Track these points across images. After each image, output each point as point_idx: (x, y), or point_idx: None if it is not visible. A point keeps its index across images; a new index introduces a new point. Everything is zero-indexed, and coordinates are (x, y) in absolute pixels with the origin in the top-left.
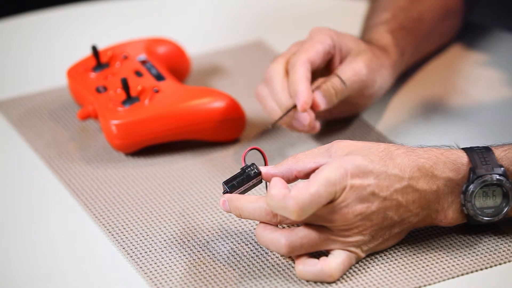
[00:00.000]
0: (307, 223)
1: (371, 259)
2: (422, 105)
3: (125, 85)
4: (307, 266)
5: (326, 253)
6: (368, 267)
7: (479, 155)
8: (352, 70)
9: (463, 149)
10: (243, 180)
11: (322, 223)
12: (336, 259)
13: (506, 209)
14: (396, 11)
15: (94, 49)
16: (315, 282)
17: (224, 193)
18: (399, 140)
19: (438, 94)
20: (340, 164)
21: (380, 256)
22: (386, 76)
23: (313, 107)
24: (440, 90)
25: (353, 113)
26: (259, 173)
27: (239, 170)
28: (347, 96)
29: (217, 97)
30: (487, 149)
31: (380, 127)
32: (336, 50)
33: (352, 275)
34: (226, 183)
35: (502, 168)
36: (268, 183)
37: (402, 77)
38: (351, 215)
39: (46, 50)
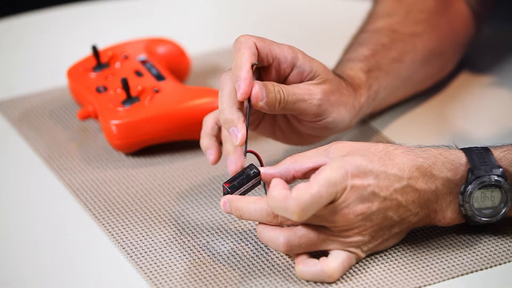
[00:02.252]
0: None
1: (371, 259)
2: (422, 105)
3: (125, 85)
4: (307, 266)
5: (326, 253)
6: (368, 267)
7: (477, 156)
8: (307, 90)
9: (462, 149)
10: (243, 180)
11: (323, 224)
12: (336, 260)
13: (504, 210)
14: (376, 48)
15: (94, 49)
16: (315, 282)
17: (224, 194)
18: (398, 141)
19: (437, 94)
20: (341, 164)
21: (380, 256)
22: (345, 115)
23: (252, 98)
24: (439, 91)
25: (300, 144)
26: (258, 173)
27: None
28: (290, 112)
29: (217, 97)
30: (486, 150)
31: (380, 127)
32: (296, 70)
33: (352, 275)
34: (226, 183)
35: (500, 169)
36: (266, 184)
37: None
38: (352, 216)
39: (46, 50)
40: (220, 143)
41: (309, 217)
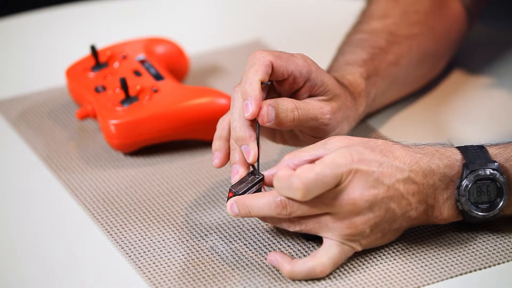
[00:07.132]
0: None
1: (369, 259)
2: (417, 104)
3: (124, 84)
4: (296, 266)
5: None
6: (366, 267)
7: (472, 152)
8: (319, 109)
9: (457, 147)
10: (248, 185)
11: (329, 210)
12: (328, 253)
13: (501, 204)
14: (374, 51)
15: (93, 48)
16: (313, 281)
17: (231, 197)
18: (393, 139)
19: (433, 93)
20: (346, 150)
21: (379, 256)
22: (345, 129)
23: (259, 119)
24: (435, 89)
25: (295, 146)
26: (262, 178)
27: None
28: (299, 128)
29: (215, 96)
30: (481, 147)
31: (376, 125)
32: (308, 83)
33: (351, 275)
34: (234, 187)
35: (495, 163)
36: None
37: None
38: (359, 201)
39: (45, 50)
40: None
41: (315, 203)
